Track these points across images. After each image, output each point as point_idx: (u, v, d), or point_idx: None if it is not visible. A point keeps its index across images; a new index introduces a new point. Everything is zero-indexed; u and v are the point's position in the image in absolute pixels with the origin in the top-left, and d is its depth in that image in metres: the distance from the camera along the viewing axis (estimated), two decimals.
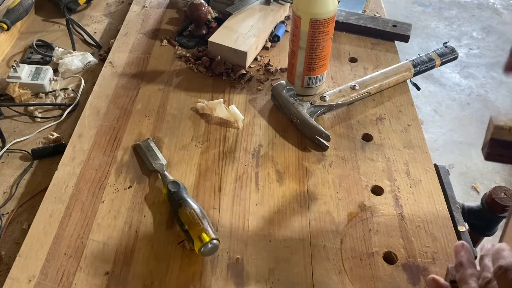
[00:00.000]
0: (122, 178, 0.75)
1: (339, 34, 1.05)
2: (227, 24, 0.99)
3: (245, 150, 0.80)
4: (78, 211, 0.70)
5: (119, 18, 1.15)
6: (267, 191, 0.74)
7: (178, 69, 0.96)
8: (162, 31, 1.07)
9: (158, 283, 0.63)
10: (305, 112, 0.82)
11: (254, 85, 0.93)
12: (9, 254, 0.68)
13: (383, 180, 0.76)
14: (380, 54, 1.00)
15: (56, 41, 1.06)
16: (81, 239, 0.67)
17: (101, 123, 0.84)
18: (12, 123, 0.88)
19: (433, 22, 2.86)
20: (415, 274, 0.64)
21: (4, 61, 1.02)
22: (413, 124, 0.85)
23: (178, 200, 0.68)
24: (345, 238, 0.68)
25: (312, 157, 0.79)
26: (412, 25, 1.05)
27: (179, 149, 0.80)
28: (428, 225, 0.69)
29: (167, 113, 0.87)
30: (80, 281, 0.62)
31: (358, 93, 0.86)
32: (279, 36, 1.03)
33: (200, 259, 0.65)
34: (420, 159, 0.79)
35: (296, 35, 0.82)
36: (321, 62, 0.85)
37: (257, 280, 0.63)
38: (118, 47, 1.01)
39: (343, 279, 0.63)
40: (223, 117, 0.84)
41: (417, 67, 0.92)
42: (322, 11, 0.78)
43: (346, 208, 0.72)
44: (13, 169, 0.80)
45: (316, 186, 0.75)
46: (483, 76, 2.48)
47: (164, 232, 0.68)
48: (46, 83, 0.93)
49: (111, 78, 0.94)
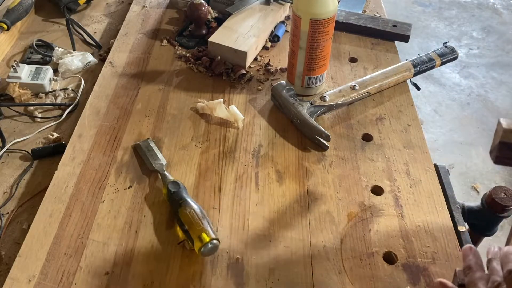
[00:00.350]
0: (122, 178, 0.75)
1: (339, 34, 1.05)
2: (227, 24, 0.99)
3: (245, 150, 0.80)
4: (78, 211, 0.70)
5: (119, 18, 1.15)
6: (267, 191, 0.74)
7: (178, 69, 0.96)
8: (162, 31, 1.07)
9: (158, 283, 0.63)
10: (305, 112, 0.82)
11: (254, 85, 0.93)
12: (9, 254, 0.68)
13: (383, 180, 0.76)
14: (380, 54, 1.00)
15: (56, 41, 1.06)
16: (81, 239, 0.67)
17: (101, 123, 0.84)
18: (12, 123, 0.88)
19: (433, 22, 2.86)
20: (415, 274, 0.64)
21: (4, 61, 1.02)
22: (413, 124, 0.85)
23: (178, 200, 0.68)
24: (345, 238, 0.68)
25: (312, 157, 0.79)
26: (412, 25, 1.05)
27: (179, 149, 0.80)
28: (428, 225, 0.69)
29: (167, 113, 0.87)
30: (80, 281, 0.62)
31: (358, 93, 0.86)
32: (279, 36, 1.03)
33: (200, 259, 0.65)
34: (420, 159, 0.79)
35: (296, 35, 0.82)
36: (321, 62, 0.85)
37: (257, 280, 0.63)
38: (118, 47, 1.01)
39: (343, 279, 0.63)
40: (223, 117, 0.84)
41: (417, 67, 0.92)
42: (322, 11, 0.78)
43: (346, 208, 0.72)
44: (13, 169, 0.80)
45: (316, 186, 0.75)
46: (483, 76, 2.48)
47: (164, 232, 0.68)
48: (46, 83, 0.93)
49: (111, 78, 0.94)
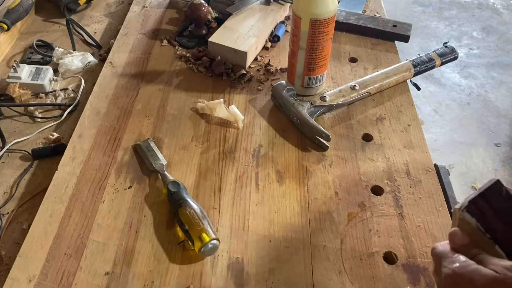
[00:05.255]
0: (122, 178, 0.75)
1: (339, 34, 1.05)
2: (227, 24, 0.99)
3: (245, 150, 0.80)
4: (78, 211, 0.70)
5: (119, 18, 1.15)
6: (267, 191, 0.74)
7: (178, 69, 0.96)
8: (162, 31, 1.07)
9: (158, 283, 0.63)
10: (305, 112, 0.82)
11: (254, 85, 0.93)
12: (9, 254, 0.68)
13: (383, 180, 0.76)
14: (380, 54, 1.00)
15: (56, 41, 1.06)
16: (81, 239, 0.67)
17: (101, 123, 0.84)
18: (12, 123, 0.88)
19: (433, 22, 2.86)
20: (415, 274, 0.64)
21: (4, 61, 1.02)
22: (413, 124, 0.85)
23: (178, 200, 0.68)
24: (345, 238, 0.68)
25: (312, 157, 0.79)
26: (412, 25, 1.05)
27: (179, 149, 0.80)
28: (428, 225, 0.69)
29: (167, 113, 0.87)
30: (80, 281, 0.62)
31: (358, 93, 0.86)
32: (279, 36, 1.03)
33: (200, 259, 0.65)
34: (420, 159, 0.79)
35: (296, 35, 0.82)
36: (321, 62, 0.85)
37: (257, 280, 0.63)
38: (118, 47, 1.01)
39: (343, 279, 0.63)
40: (223, 117, 0.84)
41: (417, 67, 0.92)
42: (322, 11, 0.78)
43: (346, 208, 0.71)
44: (13, 169, 0.80)
45: (316, 186, 0.75)
46: (483, 76, 2.48)
47: (164, 232, 0.68)
48: (46, 83, 0.93)
49: (111, 78, 0.94)
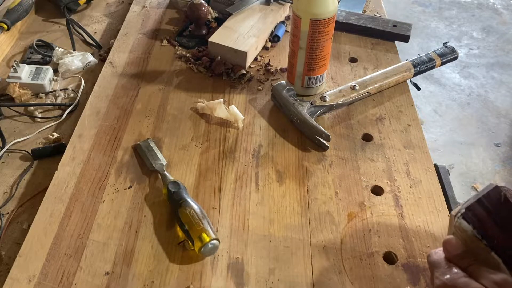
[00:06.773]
0: (122, 178, 0.75)
1: (339, 34, 1.05)
2: (227, 24, 0.99)
3: (245, 150, 0.80)
4: (78, 211, 0.70)
5: (119, 18, 1.15)
6: (267, 191, 0.74)
7: (178, 69, 0.96)
8: (162, 31, 1.07)
9: (158, 283, 0.63)
10: (305, 112, 0.82)
11: (254, 85, 0.93)
12: (9, 254, 0.68)
13: (383, 180, 0.76)
14: (380, 54, 1.00)
15: (56, 41, 1.06)
16: (81, 239, 0.67)
17: (101, 123, 0.84)
18: (12, 123, 0.88)
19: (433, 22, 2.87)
20: (415, 274, 0.64)
21: (4, 61, 1.02)
22: (413, 124, 0.85)
23: (178, 200, 0.68)
24: (345, 238, 0.68)
25: (312, 157, 0.79)
26: (412, 25, 1.05)
27: (179, 149, 0.80)
28: (428, 225, 0.69)
29: (167, 113, 0.87)
30: (80, 281, 0.62)
31: (358, 93, 0.86)
32: (279, 36, 1.03)
33: (200, 259, 0.65)
34: (420, 159, 0.79)
35: (296, 35, 0.82)
36: (321, 62, 0.85)
37: (257, 280, 0.63)
38: (118, 47, 1.01)
39: (343, 279, 0.63)
40: (223, 117, 0.84)
41: (417, 67, 0.92)
42: (322, 11, 0.78)
43: (346, 208, 0.72)
44: (13, 169, 0.80)
45: (316, 186, 0.75)
46: (483, 76, 2.48)
47: (164, 232, 0.68)
48: (46, 83, 0.93)
49: (111, 78, 0.94)
